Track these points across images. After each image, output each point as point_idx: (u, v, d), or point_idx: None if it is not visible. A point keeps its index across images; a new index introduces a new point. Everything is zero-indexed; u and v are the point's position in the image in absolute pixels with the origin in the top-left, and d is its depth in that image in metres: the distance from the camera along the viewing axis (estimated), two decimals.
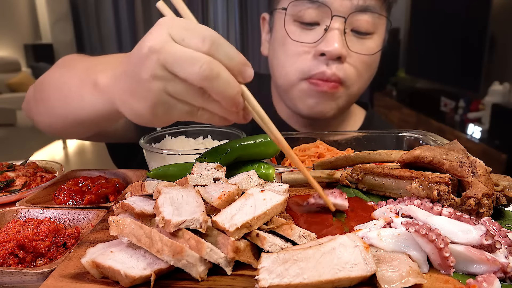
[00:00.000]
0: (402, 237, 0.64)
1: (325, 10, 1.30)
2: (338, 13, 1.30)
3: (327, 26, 1.31)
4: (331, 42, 1.29)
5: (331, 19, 1.30)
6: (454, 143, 0.89)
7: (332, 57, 1.31)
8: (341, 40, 1.30)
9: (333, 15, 1.29)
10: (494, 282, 0.57)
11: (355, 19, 1.32)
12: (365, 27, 1.34)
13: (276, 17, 1.44)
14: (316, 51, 1.33)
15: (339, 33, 1.30)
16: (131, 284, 0.59)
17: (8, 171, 1.12)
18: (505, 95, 3.91)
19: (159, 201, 0.66)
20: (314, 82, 1.35)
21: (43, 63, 8.57)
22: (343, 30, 1.31)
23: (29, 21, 8.96)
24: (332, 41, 1.29)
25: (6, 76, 7.32)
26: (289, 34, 1.36)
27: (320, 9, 1.31)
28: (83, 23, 9.66)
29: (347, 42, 1.32)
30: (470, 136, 4.30)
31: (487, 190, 0.73)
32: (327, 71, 1.32)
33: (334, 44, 1.29)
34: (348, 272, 0.57)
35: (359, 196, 0.90)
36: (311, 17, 1.33)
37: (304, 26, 1.35)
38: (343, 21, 1.30)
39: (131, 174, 1.16)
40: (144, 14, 8.63)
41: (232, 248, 0.60)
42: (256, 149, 0.95)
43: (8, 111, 5.65)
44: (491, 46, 4.03)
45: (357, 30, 1.34)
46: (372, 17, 1.33)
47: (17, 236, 0.76)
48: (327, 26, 1.31)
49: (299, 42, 1.35)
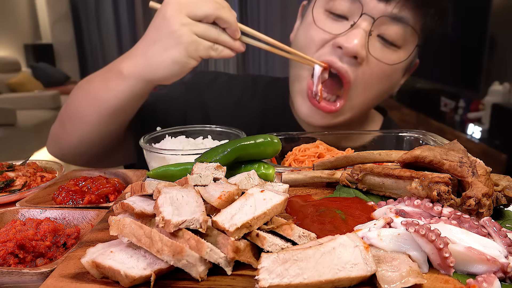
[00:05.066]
0: (402, 237, 0.64)
1: (357, 6, 1.27)
2: (369, 12, 1.26)
3: (354, 22, 1.28)
4: (352, 38, 1.26)
5: (360, 16, 1.27)
6: (454, 143, 0.89)
7: (348, 53, 1.27)
8: (363, 39, 1.26)
9: (363, 12, 1.26)
10: (494, 282, 0.57)
11: (385, 25, 1.28)
12: (392, 37, 1.29)
13: (310, 5, 1.41)
14: (334, 42, 1.30)
15: (363, 32, 1.27)
16: (131, 284, 0.59)
17: (8, 171, 1.12)
18: (505, 95, 3.91)
19: (159, 201, 0.66)
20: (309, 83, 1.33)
21: (43, 63, 8.57)
22: (369, 32, 1.28)
23: (29, 21, 8.96)
24: (353, 37, 1.26)
25: (6, 76, 7.31)
26: (315, 20, 1.34)
27: (353, 4, 1.28)
28: (83, 23, 9.67)
29: (369, 45, 1.29)
30: (470, 136, 4.30)
31: (487, 190, 0.73)
32: (337, 63, 1.29)
33: (353, 41, 1.25)
34: (348, 272, 0.57)
35: (359, 196, 0.90)
36: (341, 10, 1.30)
37: (332, 17, 1.33)
38: (371, 22, 1.27)
39: (131, 174, 1.16)
40: (144, 14, 8.63)
41: (232, 248, 0.60)
42: (256, 149, 0.95)
43: (8, 111, 5.65)
44: (491, 46, 4.03)
45: (383, 37, 1.30)
46: (403, 29, 1.29)
47: (17, 236, 0.76)
48: (354, 23, 1.28)
49: (322, 29, 1.32)
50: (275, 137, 0.97)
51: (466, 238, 0.63)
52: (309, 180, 0.97)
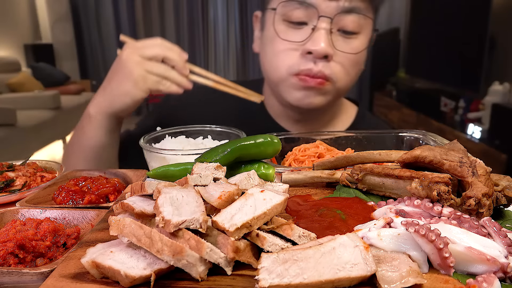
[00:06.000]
0: (402, 237, 0.64)
1: (312, 11, 1.36)
2: (325, 13, 1.35)
3: (314, 26, 1.37)
4: (318, 41, 1.35)
5: (318, 19, 1.35)
6: (454, 143, 0.89)
7: (318, 55, 1.37)
8: (327, 40, 1.36)
9: (320, 15, 1.35)
10: (494, 282, 0.57)
11: (341, 19, 1.37)
12: (351, 27, 1.39)
13: (267, 16, 1.50)
14: (303, 50, 1.38)
15: (325, 32, 1.36)
16: (131, 284, 0.59)
17: (8, 171, 1.12)
18: (505, 95, 3.91)
19: (159, 201, 0.66)
20: (302, 78, 1.41)
21: (43, 63, 8.56)
22: (330, 30, 1.37)
23: (29, 21, 8.96)
24: (318, 40, 1.35)
25: (6, 76, 7.30)
26: (278, 33, 1.42)
27: (308, 10, 1.36)
28: (83, 23, 9.67)
29: (333, 41, 1.38)
30: (470, 136, 4.30)
31: (487, 190, 0.73)
32: (314, 68, 1.39)
33: (320, 44, 1.35)
34: (348, 272, 0.57)
35: (359, 196, 0.90)
36: (299, 17, 1.38)
37: (292, 25, 1.41)
38: (329, 22, 1.36)
39: (131, 174, 1.16)
40: (144, 14, 8.63)
41: (232, 248, 0.60)
42: (256, 149, 0.95)
43: (8, 111, 5.64)
44: (491, 46, 4.03)
45: (343, 29, 1.39)
46: (358, 17, 1.38)
47: (17, 236, 0.76)
48: (314, 26, 1.37)
49: (288, 40, 1.41)
50: (275, 137, 0.97)
51: (466, 238, 0.63)
52: (309, 180, 0.97)
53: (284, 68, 1.43)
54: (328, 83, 1.42)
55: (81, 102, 7.55)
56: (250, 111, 1.60)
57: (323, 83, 1.41)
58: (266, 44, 1.51)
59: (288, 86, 1.46)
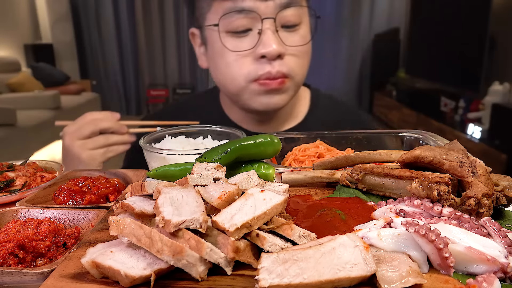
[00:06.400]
0: (402, 237, 0.64)
1: (254, 16, 1.39)
2: (266, 15, 1.38)
3: (260, 29, 1.39)
4: (268, 43, 1.38)
5: (262, 22, 1.38)
6: (454, 143, 0.89)
7: (272, 57, 1.40)
8: (276, 39, 1.39)
9: (263, 18, 1.38)
10: (494, 282, 0.57)
11: (282, 16, 1.41)
12: (292, 20, 1.43)
13: (208, 33, 1.52)
14: (256, 55, 1.41)
15: (272, 33, 1.39)
16: (131, 284, 0.59)
17: (8, 171, 1.12)
18: (505, 95, 3.91)
19: (159, 201, 0.66)
20: (263, 82, 1.44)
21: (43, 63, 8.56)
22: (275, 29, 1.40)
23: (29, 21, 8.96)
24: (268, 42, 1.38)
25: (6, 76, 7.30)
26: (226, 46, 1.44)
27: (249, 16, 1.39)
28: (83, 23, 9.67)
29: (281, 39, 1.41)
30: (470, 136, 4.30)
31: (487, 190, 0.73)
32: (272, 70, 1.41)
33: (272, 45, 1.38)
34: (348, 272, 0.57)
35: (359, 196, 0.89)
36: (243, 25, 1.41)
37: (238, 35, 1.43)
38: (273, 21, 1.39)
39: (131, 174, 1.16)
40: (144, 14, 8.62)
41: (232, 248, 0.60)
42: (256, 149, 0.95)
43: (8, 111, 5.64)
44: (491, 46, 4.03)
45: (286, 25, 1.43)
46: (296, 9, 1.42)
47: (17, 236, 0.76)
48: (260, 30, 1.39)
49: (238, 51, 1.43)
50: (275, 137, 0.97)
51: (466, 238, 0.63)
52: (309, 180, 0.97)
53: (242, 78, 1.45)
54: (288, 79, 1.46)
55: (81, 102, 7.55)
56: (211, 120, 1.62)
57: (284, 81, 1.45)
58: (215, 59, 1.52)
59: (250, 93, 1.48)
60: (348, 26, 7.92)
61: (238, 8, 1.38)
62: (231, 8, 1.39)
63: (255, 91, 1.46)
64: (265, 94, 1.46)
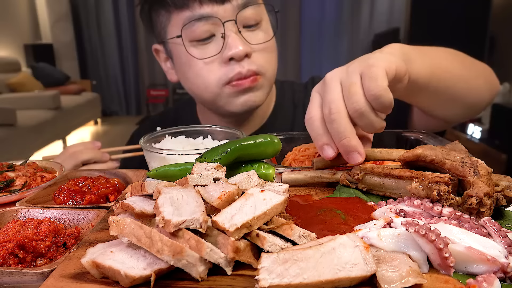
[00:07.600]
0: (402, 237, 0.64)
1: (214, 21, 1.40)
2: (227, 18, 1.39)
3: (223, 33, 1.40)
4: (234, 45, 1.38)
5: (223, 25, 1.39)
6: (455, 144, 0.89)
7: (240, 58, 1.41)
8: (241, 40, 1.40)
9: (224, 21, 1.39)
10: (494, 282, 0.57)
11: (242, 17, 1.42)
12: (253, 19, 1.45)
13: (172, 46, 1.52)
14: (224, 58, 1.42)
15: (235, 34, 1.40)
16: (131, 284, 0.59)
17: (8, 171, 1.12)
18: (505, 95, 3.91)
19: (159, 201, 0.66)
20: (235, 84, 1.44)
21: (43, 63, 8.56)
22: (238, 30, 1.41)
23: (29, 21, 8.96)
24: (234, 44, 1.39)
25: (6, 76, 7.31)
26: (193, 55, 1.44)
27: (210, 22, 1.40)
28: (83, 23, 9.67)
29: (245, 38, 1.43)
30: (470, 136, 4.30)
31: (489, 190, 0.73)
32: (242, 70, 1.42)
33: (238, 47, 1.38)
34: (348, 272, 0.57)
35: (359, 196, 0.90)
36: (205, 32, 1.42)
37: (203, 42, 1.44)
38: (234, 23, 1.40)
39: (131, 174, 1.16)
40: None
41: (232, 248, 0.60)
42: (256, 149, 0.95)
43: (8, 111, 5.64)
44: (491, 46, 4.03)
45: (247, 25, 1.45)
46: (254, 8, 1.44)
47: (17, 236, 0.76)
48: (223, 33, 1.40)
49: (205, 59, 1.44)
50: (275, 137, 0.97)
51: (466, 238, 0.63)
52: (309, 180, 0.97)
53: (214, 83, 1.45)
54: (259, 76, 1.47)
55: (81, 102, 7.56)
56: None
57: (256, 79, 1.45)
58: (184, 70, 1.52)
59: (225, 97, 1.48)
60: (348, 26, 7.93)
61: (197, 16, 1.39)
62: (190, 17, 1.40)
63: (230, 94, 1.47)
64: (241, 94, 1.47)
